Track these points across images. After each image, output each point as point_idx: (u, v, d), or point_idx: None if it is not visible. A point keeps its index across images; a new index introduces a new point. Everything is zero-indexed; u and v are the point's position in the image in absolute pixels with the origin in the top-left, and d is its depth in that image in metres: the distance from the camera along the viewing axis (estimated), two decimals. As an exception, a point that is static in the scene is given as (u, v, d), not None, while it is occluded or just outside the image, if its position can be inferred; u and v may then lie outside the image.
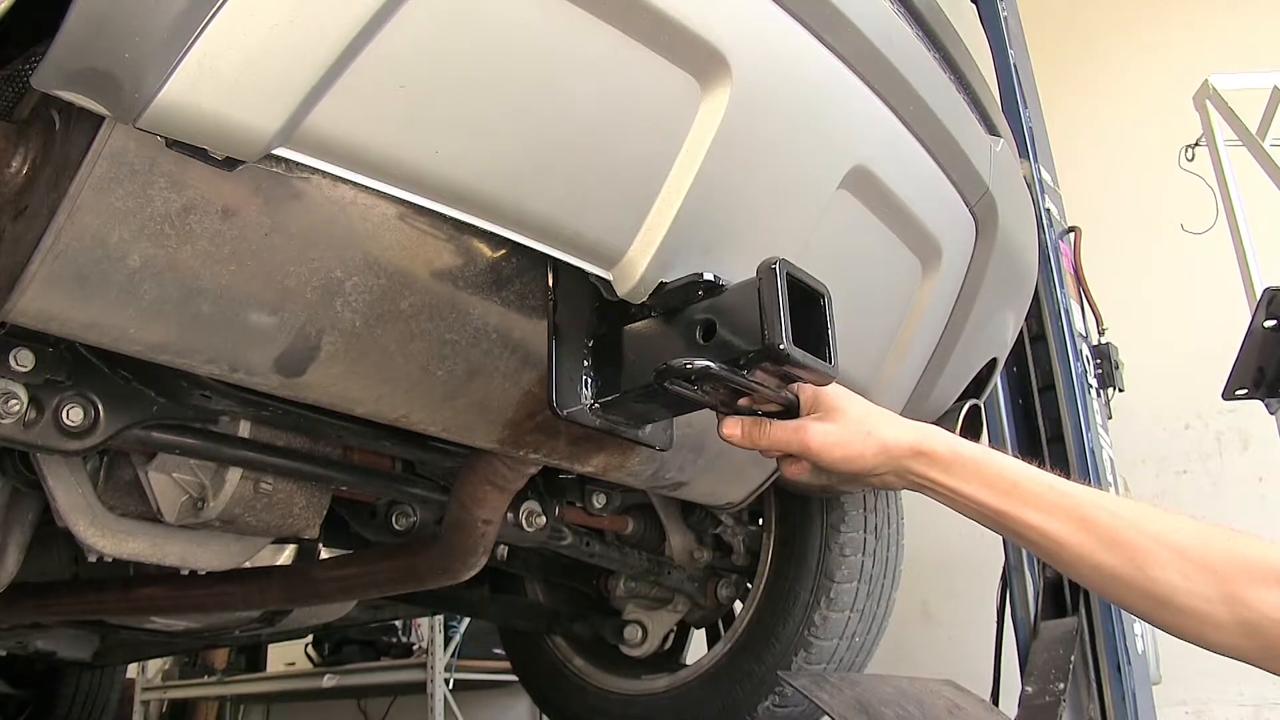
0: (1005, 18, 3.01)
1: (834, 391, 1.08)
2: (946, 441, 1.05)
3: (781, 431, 1.07)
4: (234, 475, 1.39)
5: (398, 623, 4.64)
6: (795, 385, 1.09)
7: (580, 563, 2.03)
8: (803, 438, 1.06)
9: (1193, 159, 3.42)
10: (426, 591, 1.69)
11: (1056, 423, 2.71)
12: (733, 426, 1.10)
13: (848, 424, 1.05)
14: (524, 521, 1.67)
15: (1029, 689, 2.35)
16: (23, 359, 1.09)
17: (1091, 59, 4.46)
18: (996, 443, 2.75)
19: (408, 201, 0.88)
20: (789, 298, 0.97)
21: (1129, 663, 2.39)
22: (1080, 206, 3.20)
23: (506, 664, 2.72)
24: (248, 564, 1.66)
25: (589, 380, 1.11)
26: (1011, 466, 1.02)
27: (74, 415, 1.15)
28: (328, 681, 4.52)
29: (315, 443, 1.44)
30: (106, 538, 1.41)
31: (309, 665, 4.78)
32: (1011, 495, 1.00)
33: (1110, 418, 2.88)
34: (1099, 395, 2.84)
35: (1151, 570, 0.91)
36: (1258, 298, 2.62)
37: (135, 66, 0.69)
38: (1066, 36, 4.38)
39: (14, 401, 1.09)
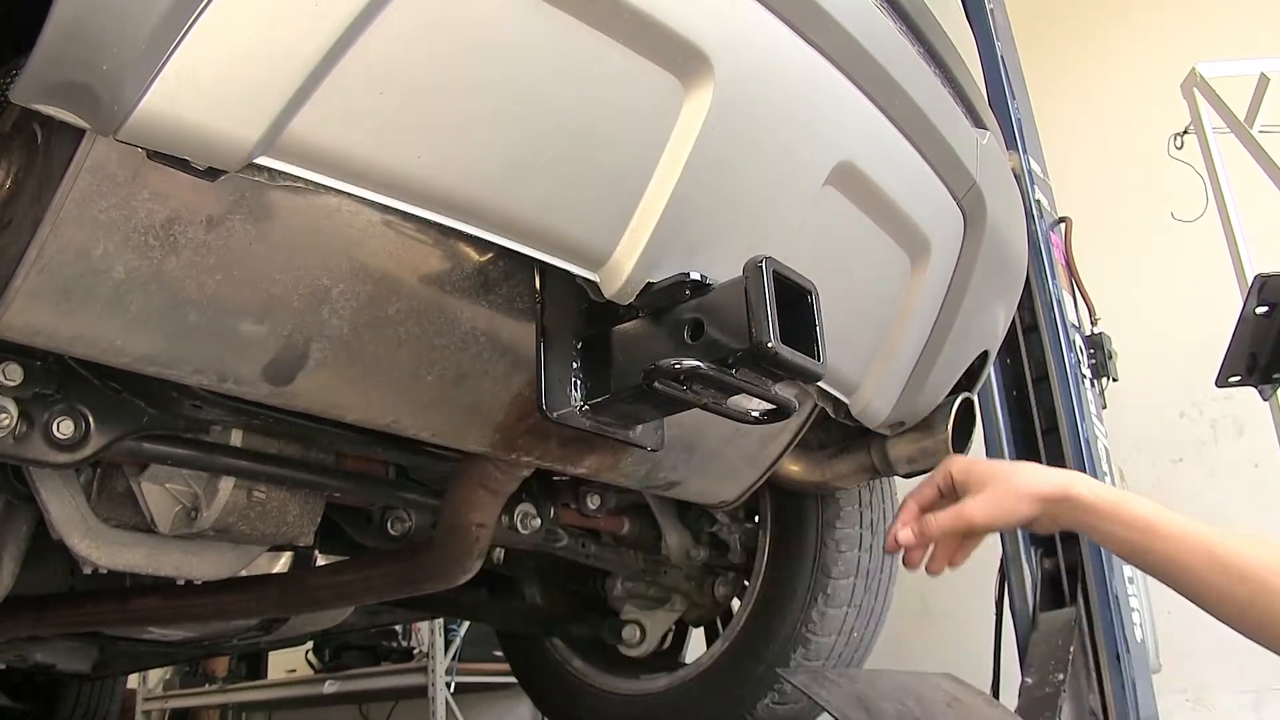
0: (991, 10, 3.01)
1: (977, 468, 1.25)
2: (1090, 487, 1.18)
3: (948, 519, 1.24)
4: (227, 484, 1.39)
5: (397, 627, 4.63)
6: (945, 472, 1.28)
7: (577, 564, 2.03)
8: (967, 517, 1.22)
9: (1182, 147, 3.42)
10: (425, 595, 1.69)
11: (1051, 414, 2.72)
12: (905, 531, 1.28)
13: (999, 488, 1.21)
14: (519, 524, 1.67)
15: (1029, 680, 2.36)
16: (11, 373, 1.09)
17: (1079, 49, 4.46)
18: (991, 435, 2.75)
19: (392, 207, 0.88)
20: (776, 296, 0.96)
21: (1128, 651, 2.40)
22: (1071, 197, 3.20)
23: (507, 666, 2.72)
24: (244, 572, 1.66)
25: (578, 382, 1.11)
26: (1147, 507, 1.15)
27: (64, 428, 1.14)
28: (329, 687, 4.51)
29: (307, 450, 1.44)
30: (101, 549, 1.41)
31: (310, 671, 4.78)
32: (1149, 532, 1.13)
33: (1105, 407, 2.88)
34: (1093, 385, 2.84)
35: (1278, 603, 1.04)
36: (1249, 284, 2.62)
37: (113, 78, 0.69)
38: (1053, 27, 4.39)
39: (3, 415, 1.08)
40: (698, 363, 0.99)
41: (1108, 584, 2.35)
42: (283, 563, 1.87)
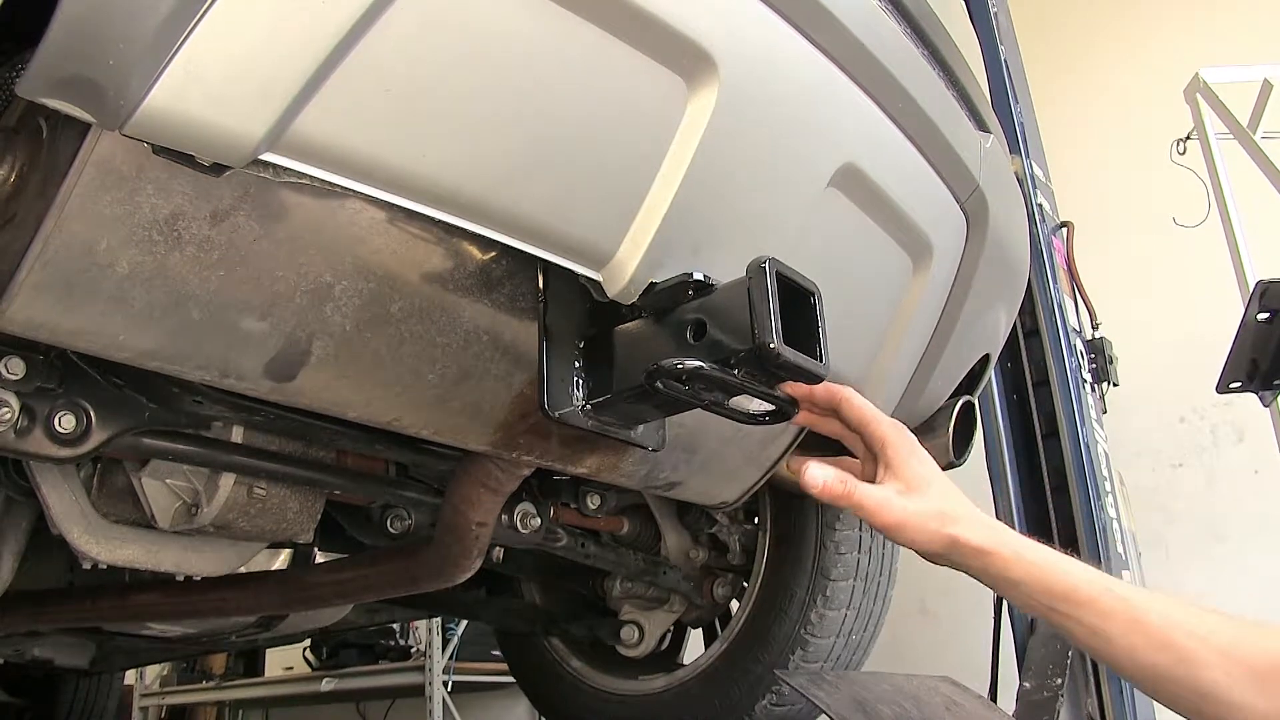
0: (995, 13, 3.01)
1: (917, 468, 1.10)
2: (1014, 546, 1.07)
3: (868, 500, 1.08)
4: (227, 481, 1.39)
5: (395, 626, 4.65)
6: (880, 445, 1.11)
7: (576, 564, 2.03)
8: (885, 514, 1.08)
9: (1184, 152, 3.43)
10: (423, 594, 1.69)
11: (1051, 418, 2.72)
12: (815, 477, 1.09)
13: (927, 508, 1.08)
14: (519, 523, 1.67)
15: (1027, 684, 2.36)
16: (13, 367, 1.09)
17: (1082, 53, 4.47)
18: (991, 439, 2.75)
19: (396, 205, 0.88)
20: (779, 296, 0.96)
21: (1126, 657, 2.39)
22: (1073, 201, 3.20)
23: (505, 666, 2.72)
24: (243, 569, 1.66)
25: (580, 381, 1.11)
26: (1070, 569, 1.05)
27: (66, 423, 1.15)
28: (326, 685, 4.52)
29: (308, 447, 1.44)
30: (101, 545, 1.41)
31: (307, 669, 4.79)
32: (1068, 599, 1.03)
33: (1105, 412, 2.88)
34: (1093, 390, 2.85)
35: (1200, 670, 0.97)
36: (1250, 290, 2.63)
37: (120, 73, 0.69)
38: (1057, 31, 4.39)
39: (5, 409, 1.09)
40: (700, 363, 0.99)
41: (1107, 588, 2.35)
42: (282, 560, 1.88)
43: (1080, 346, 2.83)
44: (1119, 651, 1.01)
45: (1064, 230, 2.98)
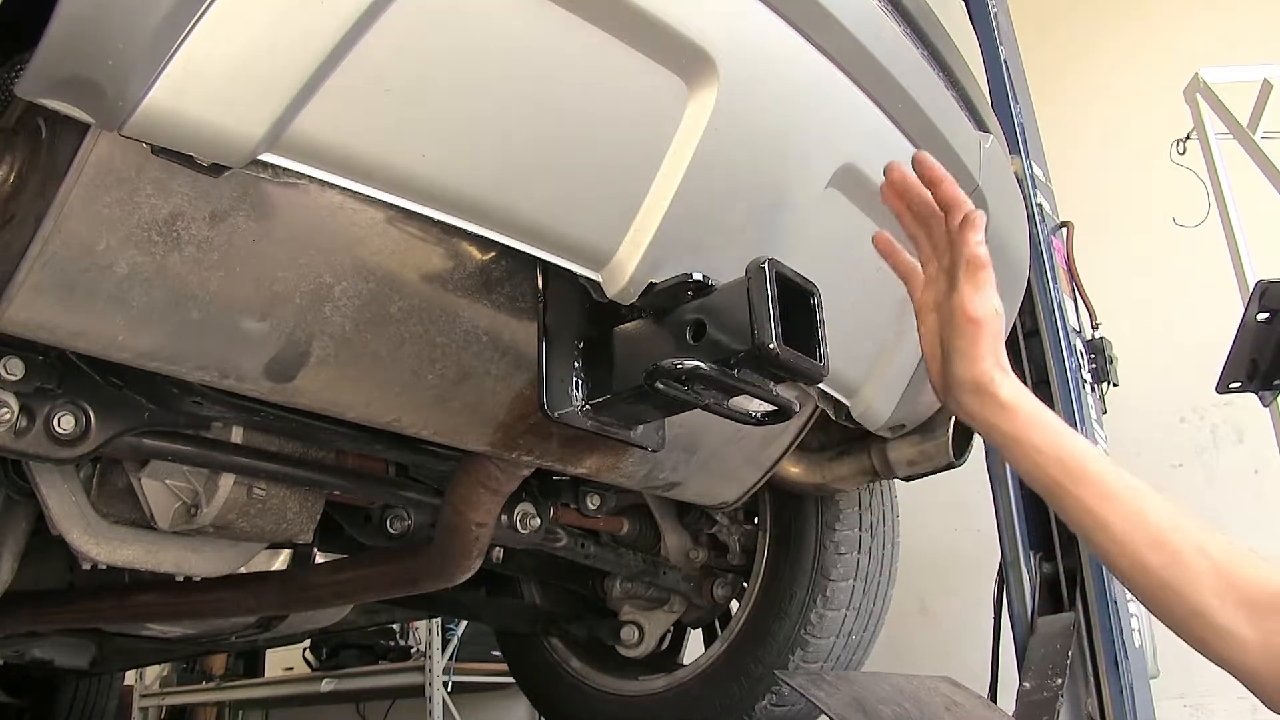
0: (995, 14, 3.01)
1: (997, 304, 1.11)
2: (1035, 409, 1.05)
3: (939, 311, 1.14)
4: (227, 481, 1.39)
5: (395, 626, 4.64)
6: (975, 267, 1.11)
7: (576, 564, 2.03)
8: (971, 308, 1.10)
9: (1184, 153, 3.42)
10: (423, 595, 1.69)
11: (1051, 418, 2.71)
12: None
13: (995, 338, 1.09)
14: (518, 524, 1.67)
15: (1027, 684, 2.36)
16: (12, 367, 1.09)
17: (1082, 53, 4.47)
18: (991, 439, 2.74)
19: (396, 205, 0.88)
20: (778, 297, 0.97)
21: (1126, 656, 2.40)
22: (1072, 201, 3.20)
23: (505, 666, 2.72)
24: (243, 570, 1.66)
25: (580, 382, 1.11)
26: (1085, 446, 1.03)
27: (65, 423, 1.14)
28: (326, 686, 4.51)
29: (308, 448, 1.44)
30: (100, 545, 1.41)
31: (307, 670, 4.78)
32: (1076, 474, 1.00)
33: (1105, 412, 2.88)
34: (1093, 390, 2.84)
35: (1190, 579, 0.93)
36: (1250, 290, 2.63)
37: (119, 74, 0.69)
38: (1057, 32, 4.39)
39: (4, 410, 1.09)
40: (699, 363, 0.99)
41: (1106, 589, 2.35)
42: (282, 560, 1.88)
43: (1080, 346, 2.83)
44: (1115, 542, 0.97)
45: (1064, 230, 2.98)
